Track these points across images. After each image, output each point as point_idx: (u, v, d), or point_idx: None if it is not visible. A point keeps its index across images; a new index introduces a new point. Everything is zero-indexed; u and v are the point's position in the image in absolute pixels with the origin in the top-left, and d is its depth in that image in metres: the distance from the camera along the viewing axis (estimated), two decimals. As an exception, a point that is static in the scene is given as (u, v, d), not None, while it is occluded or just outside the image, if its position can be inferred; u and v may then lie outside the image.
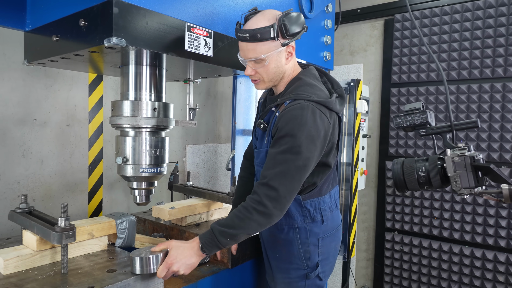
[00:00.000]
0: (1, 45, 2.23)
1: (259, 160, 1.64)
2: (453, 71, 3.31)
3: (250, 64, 1.53)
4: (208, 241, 1.44)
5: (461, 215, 3.27)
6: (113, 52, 1.46)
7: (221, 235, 1.42)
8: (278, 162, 1.42)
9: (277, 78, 1.58)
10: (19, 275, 1.35)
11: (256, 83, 1.61)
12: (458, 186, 1.00)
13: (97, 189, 2.77)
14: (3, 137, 2.27)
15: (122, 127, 1.71)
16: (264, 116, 1.61)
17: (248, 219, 1.41)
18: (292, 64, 1.61)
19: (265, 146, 1.58)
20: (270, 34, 1.43)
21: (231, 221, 1.43)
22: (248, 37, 1.45)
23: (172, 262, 1.40)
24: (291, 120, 1.43)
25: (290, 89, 1.56)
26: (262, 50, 1.46)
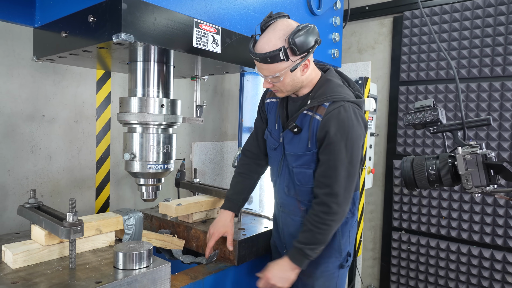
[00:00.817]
0: (11, 42, 2.24)
1: (301, 162, 1.65)
2: (463, 69, 3.27)
3: (267, 79, 1.58)
4: (300, 259, 1.60)
5: (470, 215, 3.23)
6: (121, 48, 1.46)
7: (311, 250, 1.59)
8: (337, 168, 1.53)
9: (295, 88, 1.62)
10: (27, 269, 1.36)
11: (276, 92, 1.66)
12: (470, 184, 0.98)
13: (104, 185, 2.78)
14: (12, 133, 2.29)
15: (130, 123, 1.71)
16: (296, 119, 1.62)
17: (329, 231, 1.58)
18: (310, 71, 1.61)
19: (309, 150, 1.61)
20: (280, 57, 1.44)
21: (314, 238, 1.58)
22: (260, 60, 1.49)
23: (269, 276, 1.61)
24: (340, 125, 1.51)
25: (322, 91, 1.60)
26: (275, 70, 1.50)
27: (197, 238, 1.99)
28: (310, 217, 1.60)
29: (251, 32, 1.84)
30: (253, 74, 3.03)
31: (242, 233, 1.95)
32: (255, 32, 1.86)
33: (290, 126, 1.63)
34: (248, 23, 1.81)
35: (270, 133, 1.80)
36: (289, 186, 1.74)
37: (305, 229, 1.61)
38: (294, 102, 1.70)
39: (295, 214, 1.75)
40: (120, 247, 1.43)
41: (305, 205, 1.72)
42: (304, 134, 1.61)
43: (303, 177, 1.66)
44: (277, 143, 1.74)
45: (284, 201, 1.79)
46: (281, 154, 1.74)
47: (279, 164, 1.76)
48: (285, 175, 1.75)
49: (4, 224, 2.27)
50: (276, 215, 1.93)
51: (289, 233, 1.79)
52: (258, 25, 1.87)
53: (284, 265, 1.61)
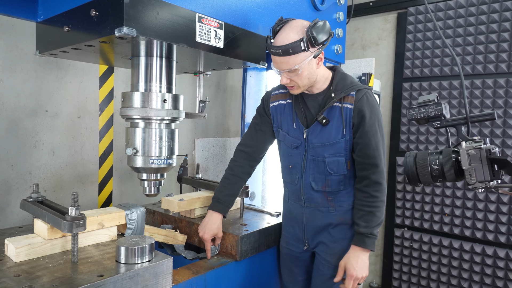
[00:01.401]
0: (14, 37, 2.25)
1: (333, 151, 1.74)
2: (468, 65, 3.24)
3: (284, 74, 1.66)
4: (370, 241, 1.69)
5: (473, 212, 3.22)
6: (124, 42, 1.46)
7: (376, 229, 1.69)
8: (377, 147, 1.67)
9: (310, 82, 1.71)
10: (30, 262, 1.37)
11: (292, 89, 1.73)
12: (473, 179, 0.98)
13: (107, 180, 2.79)
14: (15, 128, 2.29)
15: (132, 118, 1.71)
16: (324, 112, 1.73)
17: (384, 206, 1.71)
18: (322, 67, 1.74)
19: (342, 137, 1.72)
20: (301, 47, 1.55)
21: (375, 217, 1.68)
22: (281, 52, 1.57)
23: (353, 272, 1.67)
24: (371, 108, 1.68)
25: (342, 83, 1.73)
26: (295, 62, 1.59)
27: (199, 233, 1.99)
28: (364, 201, 1.71)
29: (254, 27, 1.83)
30: (256, 70, 3.01)
31: (244, 228, 1.95)
32: (258, 28, 1.86)
33: (319, 118, 1.72)
34: (251, 18, 1.80)
35: (287, 133, 1.84)
36: (316, 179, 1.80)
37: (362, 214, 1.71)
38: (314, 98, 1.78)
39: (323, 205, 1.83)
40: (122, 241, 1.44)
41: (332, 195, 1.81)
42: (333, 124, 1.72)
43: (336, 165, 1.75)
44: (299, 141, 1.80)
45: (310, 196, 1.84)
46: (303, 150, 1.80)
47: (303, 161, 1.81)
48: (310, 169, 1.80)
49: (7, 218, 2.28)
50: (293, 213, 1.93)
51: (314, 227, 1.86)
52: (261, 20, 1.87)
53: (359, 255, 1.69)
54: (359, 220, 1.71)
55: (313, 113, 1.78)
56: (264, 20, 1.88)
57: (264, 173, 3.17)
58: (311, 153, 1.78)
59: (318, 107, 1.77)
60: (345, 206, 1.82)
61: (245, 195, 2.14)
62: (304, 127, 1.79)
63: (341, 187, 1.79)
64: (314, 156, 1.78)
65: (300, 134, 1.80)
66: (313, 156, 1.78)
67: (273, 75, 3.13)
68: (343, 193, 1.81)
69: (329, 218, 1.83)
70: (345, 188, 1.80)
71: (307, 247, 1.90)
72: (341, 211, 1.82)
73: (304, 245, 1.91)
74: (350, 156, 1.75)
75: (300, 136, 1.80)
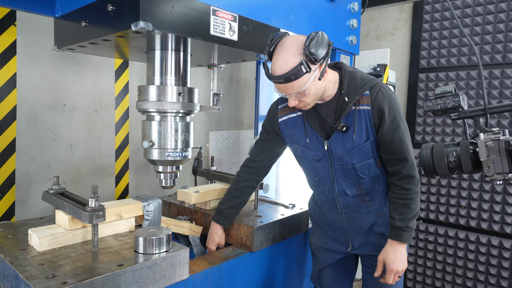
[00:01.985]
0: (32, 32, 2.29)
1: (361, 155, 1.68)
2: (486, 55, 3.17)
3: (292, 97, 1.57)
4: (406, 235, 1.64)
5: (490, 205, 3.17)
6: (140, 36, 1.48)
7: (412, 222, 1.65)
8: (403, 140, 1.63)
9: (319, 96, 1.62)
10: (53, 252, 1.41)
11: (301, 107, 1.65)
12: (491, 171, 0.96)
13: (124, 173, 2.84)
14: (35, 122, 2.35)
15: (148, 111, 1.74)
16: (342, 118, 1.65)
17: (418, 198, 1.67)
18: (327, 74, 1.62)
19: (366, 140, 1.66)
20: (303, 70, 1.46)
21: (411, 210, 1.64)
22: (283, 81, 1.50)
23: (393, 267, 1.64)
24: (389, 102, 1.62)
25: (353, 84, 1.64)
26: (300, 85, 1.50)
27: (215, 224, 2.02)
28: (397, 194, 1.66)
29: (268, 19, 1.82)
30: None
31: (258, 220, 1.97)
32: (272, 20, 1.85)
33: (339, 127, 1.66)
34: (265, 10, 1.79)
35: (306, 148, 1.77)
36: (350, 186, 1.75)
37: (396, 207, 1.66)
38: (326, 107, 1.70)
39: (361, 207, 1.80)
40: (140, 232, 1.47)
41: (368, 196, 1.77)
42: (354, 129, 1.65)
43: (367, 168, 1.70)
44: (321, 153, 1.73)
45: (347, 203, 1.80)
46: (328, 161, 1.74)
47: (330, 172, 1.75)
48: (340, 178, 1.75)
49: (28, 209, 2.36)
50: (330, 219, 1.89)
51: (357, 228, 1.83)
52: (275, 12, 1.86)
53: (397, 249, 1.66)
54: (394, 213, 1.67)
55: (329, 122, 1.70)
56: (278, 11, 1.87)
57: (277, 165, 3.18)
58: (338, 163, 1.72)
59: (333, 115, 1.68)
60: (382, 203, 1.79)
61: (259, 187, 2.15)
62: (323, 138, 1.71)
63: (376, 185, 1.75)
64: (341, 165, 1.72)
65: (321, 146, 1.72)
66: (340, 165, 1.72)
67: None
68: (379, 191, 1.77)
69: (370, 218, 1.80)
70: (379, 185, 1.76)
71: (351, 249, 1.86)
72: (379, 209, 1.79)
73: (347, 247, 1.87)
74: (378, 154, 1.70)
75: (321, 148, 1.73)
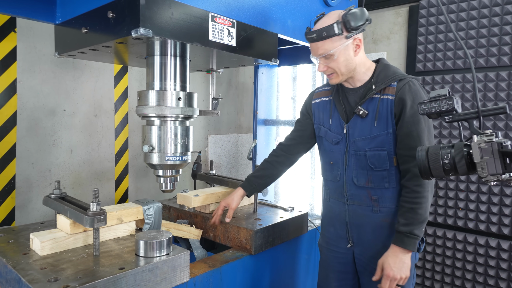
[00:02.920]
0: (32, 39, 2.31)
1: (375, 144, 1.68)
2: (481, 58, 3.20)
3: (321, 61, 1.66)
4: (411, 242, 1.58)
5: (487, 206, 3.19)
6: (140, 43, 1.50)
7: (419, 229, 1.59)
8: (420, 137, 1.59)
9: (349, 70, 1.67)
10: (54, 256, 1.43)
11: (331, 77, 1.71)
12: (485, 172, 0.99)
13: (123, 177, 2.86)
14: (35, 127, 2.37)
15: (148, 116, 1.76)
16: (363, 104, 1.69)
17: (427, 204, 1.60)
18: (362, 55, 1.70)
19: (383, 130, 1.65)
20: (335, 30, 1.56)
21: (418, 215, 1.58)
22: (316, 37, 1.59)
23: (389, 272, 1.58)
24: (414, 97, 1.60)
25: (384, 74, 1.69)
26: (330, 46, 1.59)
27: (214, 228, 2.03)
28: (405, 196, 1.62)
29: (266, 24, 1.85)
30: (267, 67, 3.04)
31: (258, 223, 1.98)
32: (270, 25, 1.88)
33: (357, 110, 1.68)
34: (263, 15, 1.82)
35: (329, 129, 1.82)
36: (359, 175, 1.74)
37: (403, 211, 1.62)
38: (355, 92, 1.74)
39: (366, 204, 1.75)
40: (141, 235, 1.49)
41: (376, 194, 1.72)
42: (373, 116, 1.67)
43: (377, 159, 1.68)
44: (340, 136, 1.77)
45: (353, 193, 1.77)
46: (344, 145, 1.76)
47: (344, 156, 1.77)
48: (352, 165, 1.75)
49: (29, 214, 2.37)
50: (334, 211, 1.87)
51: (357, 225, 1.78)
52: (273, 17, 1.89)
53: (398, 255, 1.59)
54: (400, 217, 1.62)
55: (353, 107, 1.73)
56: (276, 17, 1.90)
57: (276, 168, 3.19)
58: (353, 148, 1.73)
59: (358, 101, 1.71)
60: (390, 207, 1.71)
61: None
62: (344, 122, 1.76)
63: (385, 184, 1.69)
64: (356, 151, 1.73)
65: (341, 129, 1.76)
66: (355, 150, 1.73)
67: (284, 72, 3.15)
68: (389, 193, 1.70)
69: (373, 218, 1.74)
70: (391, 185, 1.69)
71: (351, 245, 1.80)
72: (386, 212, 1.72)
73: (348, 243, 1.81)
74: (394, 151, 1.66)
75: (341, 131, 1.76)
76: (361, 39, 1.65)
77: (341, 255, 1.86)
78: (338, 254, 1.87)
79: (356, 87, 1.74)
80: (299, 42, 2.12)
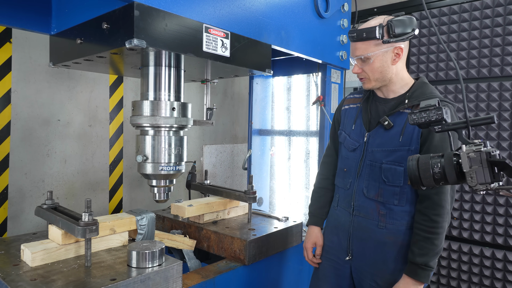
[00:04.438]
0: (28, 49, 2.32)
1: (392, 158, 1.62)
2: (473, 69, 3.25)
3: (357, 62, 1.63)
4: (425, 274, 1.53)
5: (482, 216, 3.20)
6: (134, 53, 1.51)
7: (433, 261, 1.54)
8: None
9: (383, 78, 1.64)
10: (45, 267, 1.41)
11: (363, 81, 1.69)
12: (474, 181, 1.00)
13: (118, 187, 2.84)
14: (29, 137, 2.36)
15: (142, 126, 1.76)
16: (390, 115, 1.63)
17: (443, 234, 1.55)
18: (401, 67, 1.65)
19: (404, 146, 1.59)
20: (376, 34, 1.53)
21: (433, 246, 1.53)
22: (355, 36, 1.58)
23: None
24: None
25: (420, 91, 1.62)
26: (368, 49, 1.57)
27: (208, 238, 2.02)
28: (421, 224, 1.55)
29: (260, 35, 1.87)
30: (262, 77, 3.06)
31: (252, 233, 1.98)
32: (263, 37, 1.91)
33: (382, 120, 1.64)
34: (257, 27, 1.85)
35: (348, 135, 1.80)
36: (370, 186, 1.68)
37: (418, 239, 1.55)
38: (386, 103, 1.70)
39: (372, 218, 1.68)
40: (134, 246, 1.48)
41: (385, 209, 1.65)
42: (398, 130, 1.61)
43: (393, 174, 1.62)
44: (358, 143, 1.74)
45: (361, 204, 1.72)
46: (361, 153, 1.72)
47: (358, 165, 1.73)
48: (365, 175, 1.71)
49: (21, 225, 2.34)
50: (340, 220, 1.83)
51: (359, 238, 1.72)
52: (266, 29, 1.91)
53: (409, 287, 1.54)
54: (414, 246, 1.55)
55: (379, 117, 1.69)
56: (269, 28, 1.92)
57: (272, 178, 3.20)
58: (369, 158, 1.69)
59: (387, 111, 1.67)
60: (398, 225, 1.63)
61: (253, 201, 2.17)
62: (365, 130, 1.72)
63: (395, 201, 1.62)
64: (371, 161, 1.68)
65: (361, 137, 1.73)
66: (370, 161, 1.68)
67: (279, 83, 3.18)
68: (398, 210, 1.63)
69: (377, 233, 1.66)
70: (400, 203, 1.62)
71: (350, 258, 1.75)
72: (391, 230, 1.64)
73: (347, 255, 1.76)
74: None
75: (360, 139, 1.73)
76: (402, 48, 1.59)
77: (339, 266, 1.81)
78: (336, 265, 1.82)
79: (389, 98, 1.70)
80: (293, 53, 2.14)
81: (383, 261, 1.66)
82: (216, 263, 1.87)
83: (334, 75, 2.65)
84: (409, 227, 1.63)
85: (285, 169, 3.15)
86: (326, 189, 1.96)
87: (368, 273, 1.70)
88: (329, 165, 1.98)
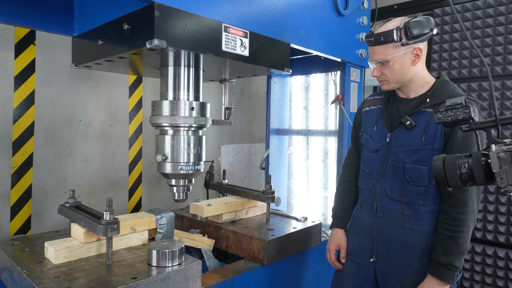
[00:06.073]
0: (50, 51, 2.38)
1: (416, 158, 1.60)
2: (498, 66, 3.15)
3: (376, 65, 1.63)
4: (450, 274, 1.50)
5: (507, 218, 3.10)
6: (154, 53, 1.52)
7: (459, 261, 1.51)
8: None
9: (403, 79, 1.63)
10: (68, 265, 1.44)
11: (382, 83, 1.69)
12: (504, 182, 0.96)
13: (137, 186, 2.88)
14: (51, 137, 2.42)
15: (162, 126, 1.77)
16: (412, 115, 1.62)
17: (469, 233, 1.51)
18: (421, 67, 1.64)
19: (427, 145, 1.57)
20: (394, 37, 1.52)
21: (458, 245, 1.50)
22: (373, 41, 1.57)
23: None
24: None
25: (442, 90, 1.60)
26: (386, 52, 1.56)
27: (227, 238, 2.02)
28: (445, 223, 1.53)
29: (278, 34, 1.86)
30: (280, 76, 3.04)
31: (270, 233, 1.96)
32: (282, 35, 1.89)
33: (404, 120, 1.62)
34: (276, 26, 1.83)
35: (370, 137, 1.79)
36: (393, 187, 1.67)
37: (442, 238, 1.53)
38: (407, 103, 1.69)
39: (397, 219, 1.66)
40: (154, 245, 1.49)
41: (409, 210, 1.62)
42: (420, 129, 1.59)
43: (416, 174, 1.60)
44: (380, 144, 1.73)
45: (384, 205, 1.70)
46: (383, 154, 1.71)
47: (381, 165, 1.71)
48: (388, 175, 1.69)
49: (44, 223, 2.40)
50: (363, 222, 1.81)
51: (384, 240, 1.70)
52: (285, 28, 1.90)
53: (433, 286, 1.51)
54: (438, 245, 1.53)
55: (401, 117, 1.67)
56: (288, 27, 1.91)
57: (289, 178, 3.18)
58: (392, 158, 1.67)
59: (409, 111, 1.65)
60: (423, 226, 1.61)
61: (271, 200, 2.16)
62: (388, 131, 1.70)
63: (420, 201, 1.60)
64: (394, 162, 1.66)
65: (383, 138, 1.72)
66: (393, 161, 1.66)
67: (297, 82, 3.15)
68: (423, 211, 1.60)
69: (402, 235, 1.64)
70: (425, 204, 1.59)
71: (374, 260, 1.73)
72: (417, 231, 1.61)
73: (371, 257, 1.74)
74: None
75: (382, 140, 1.72)
76: (421, 49, 1.58)
77: (362, 268, 1.79)
78: (359, 267, 1.80)
79: (410, 97, 1.69)
80: (311, 51, 2.12)
81: (409, 263, 1.63)
82: (235, 263, 1.87)
83: (353, 73, 2.61)
84: (434, 227, 1.60)
85: (303, 169, 3.13)
86: (348, 191, 1.94)
87: (393, 274, 1.67)
88: (351, 167, 1.96)
